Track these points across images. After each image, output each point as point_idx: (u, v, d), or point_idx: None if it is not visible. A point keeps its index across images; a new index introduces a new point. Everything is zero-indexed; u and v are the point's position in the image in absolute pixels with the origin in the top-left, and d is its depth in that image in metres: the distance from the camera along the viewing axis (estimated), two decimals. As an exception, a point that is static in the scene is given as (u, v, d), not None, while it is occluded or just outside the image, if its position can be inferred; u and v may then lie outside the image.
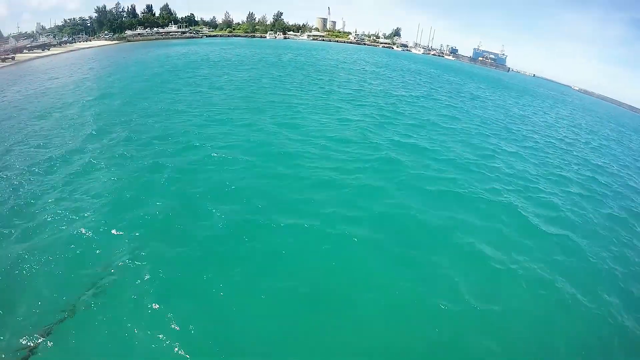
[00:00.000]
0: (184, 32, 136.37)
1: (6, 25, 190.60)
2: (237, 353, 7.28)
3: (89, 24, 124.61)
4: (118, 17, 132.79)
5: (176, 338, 7.29)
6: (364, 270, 9.75)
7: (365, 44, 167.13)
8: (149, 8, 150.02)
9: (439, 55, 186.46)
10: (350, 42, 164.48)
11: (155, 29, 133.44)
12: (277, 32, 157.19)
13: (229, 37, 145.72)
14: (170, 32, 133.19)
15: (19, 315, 7.54)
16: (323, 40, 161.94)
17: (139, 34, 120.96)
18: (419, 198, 13.04)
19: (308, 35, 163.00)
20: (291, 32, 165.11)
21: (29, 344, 6.89)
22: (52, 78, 35.37)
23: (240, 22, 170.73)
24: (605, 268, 11.47)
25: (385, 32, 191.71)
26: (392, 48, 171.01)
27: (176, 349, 7.10)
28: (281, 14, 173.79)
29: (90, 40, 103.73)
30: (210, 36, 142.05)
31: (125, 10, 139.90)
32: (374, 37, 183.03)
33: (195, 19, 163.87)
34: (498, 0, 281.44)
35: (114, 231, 10.05)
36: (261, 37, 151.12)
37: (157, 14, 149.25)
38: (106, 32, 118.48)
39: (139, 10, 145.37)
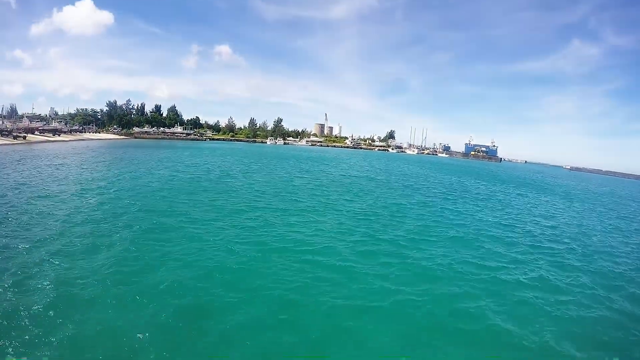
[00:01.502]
0: (188, 134, 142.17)
1: (22, 105, 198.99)
2: None
3: (99, 116, 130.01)
4: (128, 113, 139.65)
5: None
6: None
7: (361, 148, 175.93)
8: (158, 108, 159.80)
9: (433, 154, 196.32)
10: (347, 147, 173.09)
11: (162, 128, 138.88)
12: (277, 138, 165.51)
13: (232, 141, 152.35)
14: (175, 132, 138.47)
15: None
16: (321, 145, 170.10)
17: (145, 131, 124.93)
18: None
19: (307, 141, 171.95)
20: (290, 138, 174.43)
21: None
22: (58, 164, 32.81)
23: (243, 127, 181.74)
24: None
25: (380, 135, 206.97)
26: (388, 150, 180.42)
27: None
28: (281, 120, 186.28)
29: (99, 132, 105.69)
30: (213, 139, 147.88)
31: (135, 107, 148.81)
32: (370, 141, 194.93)
33: (200, 121, 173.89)
34: (485, 95, 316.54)
35: None
36: (262, 142, 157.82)
37: (164, 114, 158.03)
38: (115, 126, 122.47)
39: (148, 109, 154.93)
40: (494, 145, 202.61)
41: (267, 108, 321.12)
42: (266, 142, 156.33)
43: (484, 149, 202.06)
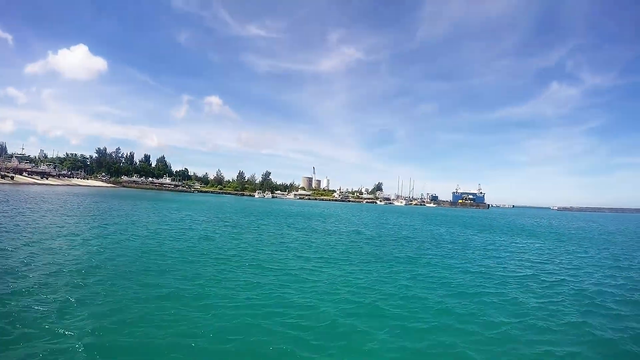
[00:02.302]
0: (176, 185, 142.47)
1: (12, 143, 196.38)
2: None
3: (88, 162, 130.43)
4: (117, 161, 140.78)
5: None
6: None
7: (349, 201, 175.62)
8: (147, 158, 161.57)
9: (421, 204, 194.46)
10: (336, 200, 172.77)
11: (150, 178, 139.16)
12: (266, 192, 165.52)
13: (220, 193, 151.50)
14: (164, 183, 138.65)
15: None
16: (309, 199, 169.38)
17: (134, 181, 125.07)
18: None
19: (295, 195, 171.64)
20: (279, 192, 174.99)
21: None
22: (45, 210, 32.61)
23: (231, 180, 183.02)
24: None
25: (368, 187, 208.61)
26: (376, 202, 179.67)
27: None
28: (269, 173, 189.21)
29: (88, 179, 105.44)
30: (201, 191, 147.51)
31: (124, 156, 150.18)
32: (358, 194, 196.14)
33: (189, 173, 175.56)
34: (470, 142, 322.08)
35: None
36: (250, 195, 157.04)
37: (153, 164, 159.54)
38: (104, 173, 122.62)
39: (137, 158, 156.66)
40: (481, 192, 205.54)
41: (256, 159, 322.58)
42: (254, 196, 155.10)
43: (471, 196, 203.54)
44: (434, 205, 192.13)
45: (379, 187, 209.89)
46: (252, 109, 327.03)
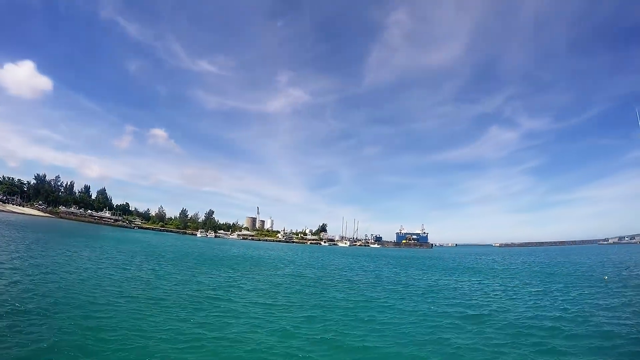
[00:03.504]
0: (116, 220, 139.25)
1: None
2: None
3: (25, 189, 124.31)
4: (56, 190, 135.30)
5: None
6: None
7: (293, 242, 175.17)
8: (87, 189, 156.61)
9: (365, 245, 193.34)
10: (280, 241, 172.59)
11: (89, 210, 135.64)
12: (209, 231, 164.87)
13: (161, 231, 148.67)
14: (103, 217, 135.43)
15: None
16: (252, 239, 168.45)
17: (72, 212, 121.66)
18: None
19: (238, 235, 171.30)
20: (222, 231, 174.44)
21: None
22: None
23: (173, 217, 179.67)
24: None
25: (312, 228, 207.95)
26: (320, 244, 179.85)
27: None
28: (212, 212, 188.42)
29: (24, 206, 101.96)
30: (142, 228, 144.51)
31: (64, 185, 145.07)
32: (302, 235, 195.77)
33: (130, 208, 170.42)
34: (413, 184, 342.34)
35: None
36: (192, 234, 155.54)
37: (93, 196, 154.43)
38: (41, 202, 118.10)
39: (77, 188, 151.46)
40: (424, 232, 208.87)
41: (199, 197, 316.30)
42: (197, 235, 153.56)
43: (415, 236, 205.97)
44: (378, 246, 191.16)
45: (323, 228, 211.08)
46: (197, 145, 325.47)
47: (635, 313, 16.69)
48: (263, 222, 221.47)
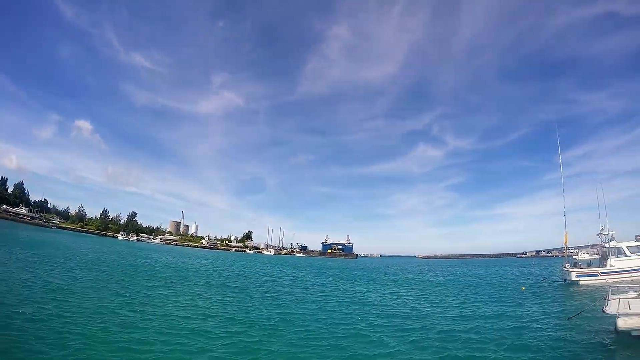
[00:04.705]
0: (33, 218, 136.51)
1: None
2: None
3: None
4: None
5: None
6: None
7: (218, 249, 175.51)
8: (3, 181, 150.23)
9: (290, 254, 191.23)
10: (204, 247, 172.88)
11: (4, 206, 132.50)
12: (130, 234, 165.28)
13: (80, 231, 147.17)
14: (19, 214, 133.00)
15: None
16: (176, 244, 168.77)
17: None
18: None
19: (161, 239, 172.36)
20: (144, 235, 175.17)
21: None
22: None
23: (94, 218, 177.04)
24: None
25: (237, 235, 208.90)
26: (245, 251, 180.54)
27: None
28: (135, 214, 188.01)
29: None
30: (60, 227, 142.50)
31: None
32: (227, 242, 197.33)
33: (48, 205, 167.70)
34: (340, 195, 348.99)
35: None
36: (113, 236, 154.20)
37: (9, 190, 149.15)
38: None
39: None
40: (349, 242, 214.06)
41: (122, 198, 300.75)
42: (118, 237, 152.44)
43: (340, 246, 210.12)
44: (304, 255, 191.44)
45: (248, 236, 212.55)
46: (123, 142, 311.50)
47: (542, 321, 17.61)
48: (187, 226, 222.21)
